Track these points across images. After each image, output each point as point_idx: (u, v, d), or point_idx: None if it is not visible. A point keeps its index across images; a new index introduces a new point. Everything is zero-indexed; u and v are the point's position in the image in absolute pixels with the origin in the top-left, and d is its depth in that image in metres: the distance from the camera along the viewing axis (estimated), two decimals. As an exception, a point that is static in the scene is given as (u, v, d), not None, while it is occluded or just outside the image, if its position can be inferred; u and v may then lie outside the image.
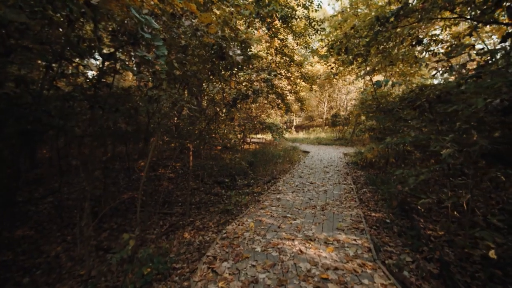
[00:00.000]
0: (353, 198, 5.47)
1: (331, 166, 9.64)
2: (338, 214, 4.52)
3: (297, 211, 4.64)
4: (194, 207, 6.55)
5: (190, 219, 5.74)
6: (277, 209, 4.77)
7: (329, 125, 23.52)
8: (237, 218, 4.45)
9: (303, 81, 12.59)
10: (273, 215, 4.44)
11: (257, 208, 4.88)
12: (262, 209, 4.76)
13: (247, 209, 4.88)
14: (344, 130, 19.02)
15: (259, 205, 5.05)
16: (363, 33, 6.02)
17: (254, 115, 13.06)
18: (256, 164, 9.99)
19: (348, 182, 6.94)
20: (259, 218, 4.31)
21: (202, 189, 8.02)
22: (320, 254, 3.10)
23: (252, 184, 8.23)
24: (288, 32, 9.71)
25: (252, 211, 4.68)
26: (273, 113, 16.67)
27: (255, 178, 8.89)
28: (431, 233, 4.42)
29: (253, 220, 4.21)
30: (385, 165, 9.12)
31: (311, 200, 5.32)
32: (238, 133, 13.21)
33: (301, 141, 19.07)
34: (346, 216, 4.47)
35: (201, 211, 6.26)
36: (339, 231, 3.82)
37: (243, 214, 4.60)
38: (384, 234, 4.43)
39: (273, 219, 4.26)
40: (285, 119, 23.70)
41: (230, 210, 5.54)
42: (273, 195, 5.71)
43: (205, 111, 6.71)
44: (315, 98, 26.95)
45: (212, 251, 3.26)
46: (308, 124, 29.81)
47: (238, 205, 6.05)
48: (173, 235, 5.05)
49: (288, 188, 6.37)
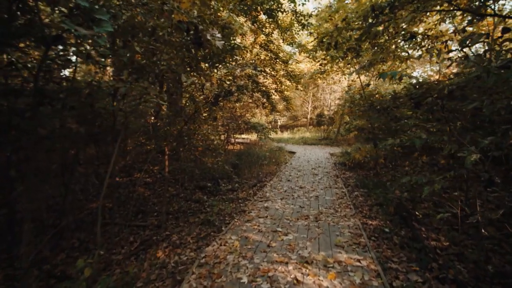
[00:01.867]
0: (347, 205, 4.94)
1: (319, 167, 9.14)
2: (334, 226, 3.95)
3: (288, 223, 4.02)
4: (172, 217, 5.77)
5: (166, 232, 4.97)
6: (265, 221, 4.12)
7: (313, 124, 23.24)
8: (219, 235, 3.75)
9: (288, 80, 12.05)
10: (261, 229, 3.79)
11: (242, 220, 4.20)
12: (249, 222, 4.09)
13: (231, 222, 4.19)
14: (329, 129, 18.74)
15: (245, 216, 4.38)
16: (355, 25, 5.52)
17: (239, 114, 12.37)
18: (240, 167, 9.30)
19: (339, 186, 6.42)
20: (245, 234, 3.64)
21: (182, 195, 7.23)
22: (321, 283, 2.48)
23: (236, 188, 7.55)
24: (273, 27, 9.10)
25: (237, 225, 4.00)
26: (258, 112, 16.04)
27: (240, 182, 8.22)
28: (435, 245, 3.95)
29: (238, 237, 3.54)
30: (374, 166, 8.75)
31: (303, 208, 4.73)
32: (222, 134, 12.47)
33: (286, 141, 18.58)
34: (344, 227, 3.90)
35: (180, 222, 5.49)
36: (338, 248, 3.23)
37: (226, 229, 3.91)
38: (385, 247, 3.90)
39: (261, 234, 3.61)
40: (270, 119, 23.16)
41: (212, 221, 4.84)
42: (260, 203, 5.06)
43: (185, 110, 5.95)
44: (300, 97, 26.62)
45: (186, 285, 2.55)
46: (293, 124, 29.47)
47: (221, 215, 5.35)
48: (145, 255, 4.27)
49: (276, 194, 5.74)
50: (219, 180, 8.27)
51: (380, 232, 4.34)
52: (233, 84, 4.58)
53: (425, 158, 4.15)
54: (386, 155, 8.38)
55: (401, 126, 4.84)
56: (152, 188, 7.84)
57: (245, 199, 6.44)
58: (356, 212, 4.70)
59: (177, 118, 5.52)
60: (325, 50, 6.52)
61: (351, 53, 6.08)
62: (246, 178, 8.64)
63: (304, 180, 7.10)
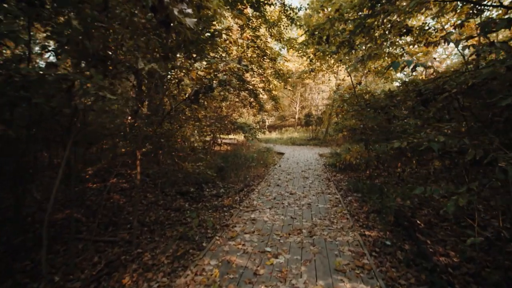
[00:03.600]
0: (343, 215, 4.37)
1: (309, 169, 8.60)
2: (332, 242, 3.36)
3: (278, 240, 3.40)
4: (147, 230, 5.02)
5: (138, 250, 4.23)
6: (252, 237, 3.47)
7: (302, 125, 22.82)
8: (195, 260, 3.07)
9: (276, 79, 11.47)
10: (247, 249, 3.15)
11: (225, 238, 3.54)
12: (232, 240, 3.43)
13: (212, 241, 3.51)
14: (317, 130, 18.33)
15: (228, 232, 3.72)
16: (350, 16, 4.99)
17: (225, 114, 11.67)
18: (226, 170, 8.62)
19: (332, 191, 5.87)
20: (227, 256, 2.98)
21: (162, 202, 6.47)
22: (323, 332, 1.88)
23: (221, 194, 6.87)
24: (261, 21, 8.47)
25: (219, 244, 3.33)
26: (245, 112, 15.39)
27: (225, 187, 7.55)
28: (445, 261, 3.44)
29: (219, 262, 2.87)
30: (365, 168, 8.30)
31: (294, 219, 4.12)
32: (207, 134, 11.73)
33: (274, 142, 18.02)
34: (342, 244, 3.32)
35: (155, 235, 4.77)
36: (339, 274, 2.64)
37: (205, 251, 3.23)
38: (389, 265, 3.35)
39: (246, 257, 2.96)
40: (258, 119, 22.55)
41: (192, 237, 4.17)
42: (247, 214, 4.41)
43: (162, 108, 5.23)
44: (287, 97, 26.17)
45: None
46: (281, 124, 28.99)
47: (202, 227, 4.68)
48: (108, 281, 3.54)
49: (264, 202, 5.11)
50: (203, 184, 7.57)
51: (381, 246, 3.79)
52: (214, 78, 3.91)
53: (438, 164, 3.65)
54: (378, 156, 7.96)
55: (400, 127, 4.33)
56: (129, 194, 7.02)
57: (230, 207, 5.78)
58: (354, 223, 4.14)
59: (155, 118, 4.80)
60: (316, 44, 5.95)
61: (344, 48, 5.53)
62: (232, 182, 7.98)
63: (294, 184, 6.52)
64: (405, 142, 2.98)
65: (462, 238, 3.95)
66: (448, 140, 2.47)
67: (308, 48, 5.98)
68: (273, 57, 9.64)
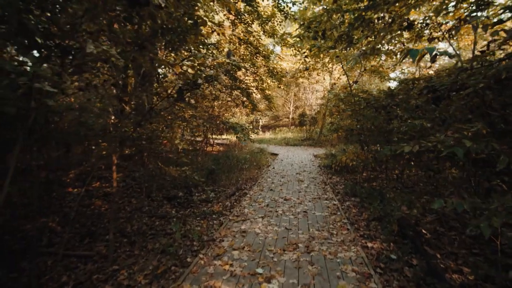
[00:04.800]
0: (343, 224, 3.93)
1: (304, 172, 8.16)
2: (333, 260, 2.91)
3: (271, 257, 2.93)
4: (126, 242, 4.49)
5: (114, 266, 3.71)
6: (241, 255, 2.99)
7: (295, 125, 22.43)
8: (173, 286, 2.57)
9: (270, 77, 11.00)
10: (235, 270, 2.67)
11: (210, 255, 3.04)
12: (218, 258, 2.94)
13: (195, 261, 3.01)
14: (312, 130, 17.95)
15: (214, 248, 3.23)
16: (349, 7, 4.57)
17: (217, 114, 11.14)
18: (218, 172, 8.11)
19: (329, 196, 5.44)
20: (211, 281, 2.50)
21: (147, 208, 5.93)
22: None
23: (211, 199, 6.37)
24: (253, 17, 7.99)
25: (202, 264, 2.84)
26: (238, 112, 14.88)
27: (216, 190, 7.05)
28: (459, 279, 3.03)
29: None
30: (362, 170, 7.91)
31: (289, 231, 3.65)
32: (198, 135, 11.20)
33: (268, 142, 17.56)
34: (345, 262, 2.87)
35: (135, 248, 4.24)
36: (344, 304, 2.19)
37: (186, 274, 2.73)
38: (397, 284, 2.92)
39: (234, 281, 2.48)
40: (251, 119, 22.06)
41: (175, 251, 3.67)
42: (236, 225, 3.92)
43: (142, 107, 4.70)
44: (281, 97, 25.76)
45: None
46: (274, 124, 28.57)
47: (188, 238, 4.19)
48: (73, 308, 3.02)
49: (256, 210, 4.63)
50: (192, 188, 7.06)
51: (387, 261, 3.36)
52: (199, 73, 3.42)
53: (454, 172, 3.23)
54: (375, 157, 7.59)
55: (404, 128, 3.91)
56: (112, 200, 6.45)
57: (220, 213, 5.30)
58: (355, 234, 3.70)
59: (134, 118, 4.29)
60: (312, 39, 5.51)
61: (342, 43, 5.10)
62: (223, 185, 7.48)
63: (288, 188, 6.06)
64: (417, 146, 2.55)
65: (474, 250, 3.56)
66: (474, 145, 2.04)
67: (303, 43, 5.54)
68: (267, 54, 9.17)
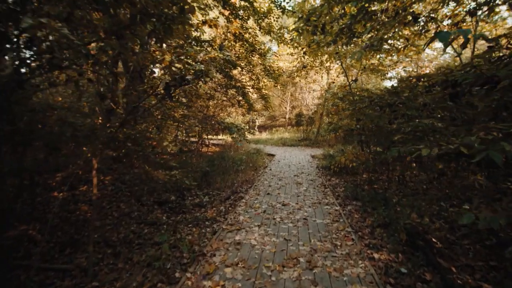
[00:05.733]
0: (347, 233, 3.57)
1: (302, 173, 7.80)
2: (339, 279, 2.54)
3: (269, 276, 2.55)
4: (111, 252, 4.08)
5: (94, 283, 3.30)
6: (234, 273, 2.61)
7: (292, 125, 22.09)
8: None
9: (266, 76, 10.64)
10: (227, 292, 2.29)
11: (199, 274, 2.65)
12: (208, 278, 2.55)
13: (182, 282, 2.62)
14: (309, 130, 17.62)
15: (204, 265, 2.84)
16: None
17: (212, 114, 10.74)
18: (212, 174, 7.71)
19: (329, 200, 5.08)
20: (199, 308, 2.12)
21: (136, 214, 5.52)
22: None
23: (205, 204, 5.97)
24: (249, 13, 7.61)
25: (189, 286, 2.45)
26: (234, 112, 14.48)
27: (210, 194, 6.66)
28: (480, 297, 2.69)
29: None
30: (363, 172, 7.58)
31: (289, 242, 3.28)
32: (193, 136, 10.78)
33: (264, 142, 17.19)
34: (353, 281, 2.51)
35: (119, 260, 3.83)
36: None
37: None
38: (410, 304, 2.57)
39: (225, 307, 2.11)
40: (247, 119, 21.67)
41: (162, 266, 3.28)
42: (230, 236, 3.53)
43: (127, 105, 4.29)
44: (278, 97, 25.42)
45: None
46: (271, 124, 28.22)
47: (178, 248, 3.80)
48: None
49: (252, 217, 4.25)
50: (185, 192, 6.66)
51: (397, 276, 3.01)
52: (187, 67, 3.03)
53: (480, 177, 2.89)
54: (375, 158, 7.27)
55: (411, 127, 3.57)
56: (100, 205, 6.02)
57: (213, 220, 4.91)
58: (361, 245, 3.35)
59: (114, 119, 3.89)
60: (311, 34, 5.15)
61: (343, 37, 4.75)
62: (218, 188, 7.09)
63: (286, 192, 5.69)
64: (436, 149, 2.19)
65: (491, 262, 3.23)
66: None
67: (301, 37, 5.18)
68: (263, 52, 8.80)
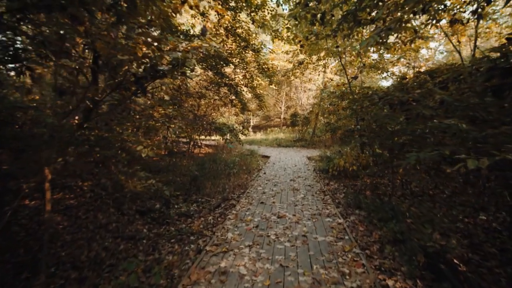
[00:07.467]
0: (355, 256, 2.96)
1: (298, 178, 7.19)
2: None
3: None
4: (75, 277, 3.40)
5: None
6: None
7: (287, 125, 21.50)
8: None
9: (260, 75, 10.00)
10: None
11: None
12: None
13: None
14: (304, 130, 17.04)
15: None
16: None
17: (203, 113, 10.05)
18: (202, 179, 7.05)
19: (331, 211, 4.47)
20: None
21: (114, 225, 4.83)
22: None
23: (192, 213, 5.31)
24: (242, 5, 6.95)
25: None
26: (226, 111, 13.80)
27: (199, 201, 5.99)
28: None
29: None
30: (363, 176, 7.01)
31: (286, 269, 2.65)
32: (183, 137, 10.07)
33: (259, 143, 16.55)
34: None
35: (84, 287, 3.17)
36: None
37: None
38: None
39: None
40: (241, 119, 20.99)
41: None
42: (215, 261, 2.87)
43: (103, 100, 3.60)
44: (272, 97, 24.80)
45: None
46: (266, 124, 27.59)
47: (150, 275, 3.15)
48: None
49: (242, 233, 3.60)
50: (172, 199, 5.98)
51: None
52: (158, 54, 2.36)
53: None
54: (376, 160, 6.72)
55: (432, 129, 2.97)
56: (75, 214, 5.29)
57: (199, 234, 4.27)
58: (374, 270, 2.73)
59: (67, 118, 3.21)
60: (310, 24, 4.53)
61: (346, 26, 4.14)
62: (208, 193, 6.43)
63: (282, 201, 5.06)
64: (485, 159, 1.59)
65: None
66: None
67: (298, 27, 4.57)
68: (257, 48, 8.15)
